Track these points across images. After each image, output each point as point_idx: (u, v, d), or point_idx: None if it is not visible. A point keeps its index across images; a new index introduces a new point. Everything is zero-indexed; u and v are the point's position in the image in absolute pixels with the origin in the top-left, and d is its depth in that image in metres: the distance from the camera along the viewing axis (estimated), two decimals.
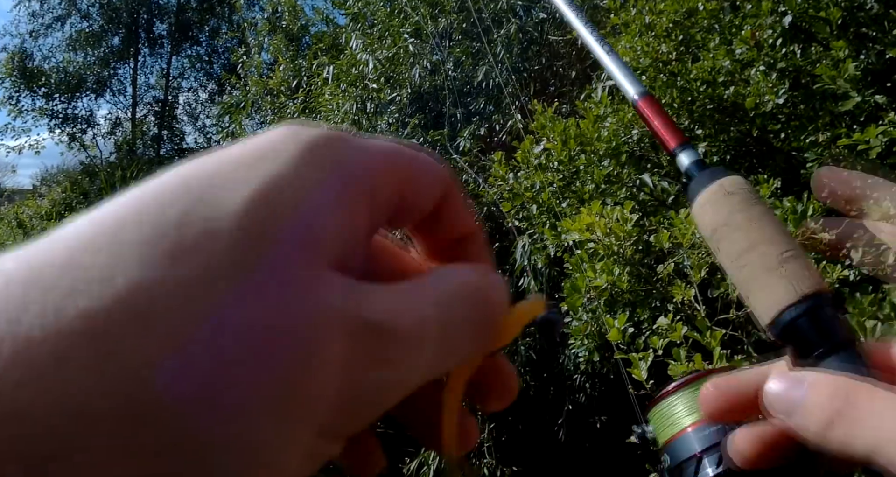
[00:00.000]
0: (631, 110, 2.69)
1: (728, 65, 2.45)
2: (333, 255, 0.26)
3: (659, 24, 2.59)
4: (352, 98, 5.22)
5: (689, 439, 0.70)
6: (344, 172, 0.28)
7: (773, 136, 2.45)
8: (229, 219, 0.24)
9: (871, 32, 2.29)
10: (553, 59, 4.88)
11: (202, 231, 0.23)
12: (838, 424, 0.40)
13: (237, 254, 0.23)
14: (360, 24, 5.97)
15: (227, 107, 6.92)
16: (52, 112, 17.03)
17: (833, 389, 0.42)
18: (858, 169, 0.54)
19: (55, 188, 14.28)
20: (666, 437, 0.72)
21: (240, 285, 0.23)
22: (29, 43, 17.15)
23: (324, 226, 0.26)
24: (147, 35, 18.10)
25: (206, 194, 0.25)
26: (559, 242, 2.34)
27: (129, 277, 0.22)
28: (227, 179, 0.25)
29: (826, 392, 0.42)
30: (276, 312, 0.23)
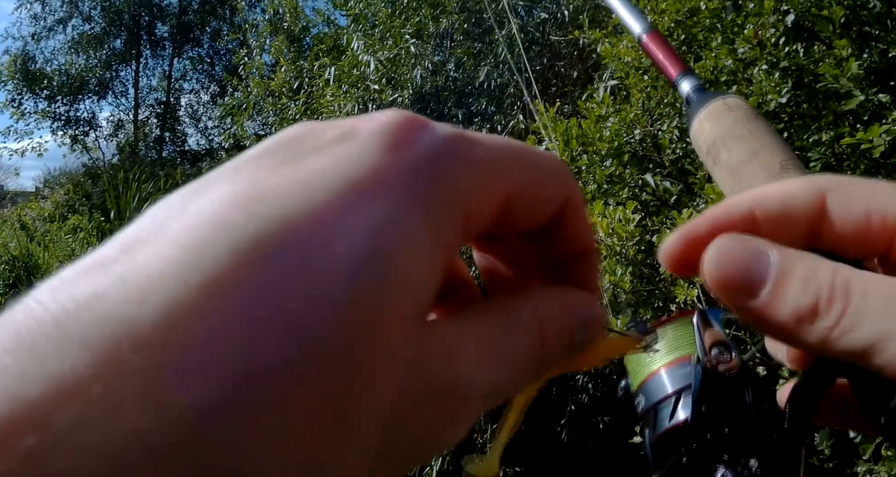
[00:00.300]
0: (633, 110, 2.69)
1: (731, 64, 2.44)
2: (420, 305, 0.24)
3: (661, 23, 2.59)
4: (353, 99, 5.22)
5: (661, 379, 0.66)
6: (444, 201, 0.25)
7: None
8: (337, 297, 0.21)
9: (875, 31, 2.28)
10: (555, 60, 4.88)
11: (307, 308, 0.21)
12: (827, 312, 0.31)
13: (347, 337, 0.21)
14: (362, 25, 5.97)
15: (229, 108, 6.93)
16: (55, 114, 17.07)
17: (813, 266, 0.33)
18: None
19: (58, 190, 14.31)
20: (640, 379, 0.70)
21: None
22: (31, 45, 17.19)
23: (423, 286, 0.24)
24: (149, 37, 18.13)
25: (307, 255, 0.21)
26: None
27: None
28: (330, 232, 0.22)
29: (805, 269, 0.33)
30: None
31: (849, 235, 0.35)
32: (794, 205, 0.36)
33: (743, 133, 0.59)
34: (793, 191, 0.36)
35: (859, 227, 0.35)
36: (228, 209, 0.22)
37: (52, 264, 7.00)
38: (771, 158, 0.56)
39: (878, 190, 0.35)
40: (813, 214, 0.36)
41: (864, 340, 0.30)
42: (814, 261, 0.33)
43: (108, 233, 8.20)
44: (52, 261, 7.06)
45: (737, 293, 0.33)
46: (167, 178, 11.68)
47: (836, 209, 0.35)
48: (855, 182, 0.36)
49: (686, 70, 0.74)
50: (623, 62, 2.72)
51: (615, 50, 2.71)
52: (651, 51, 0.81)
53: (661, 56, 0.79)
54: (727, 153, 0.59)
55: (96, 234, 8.51)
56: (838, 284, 0.32)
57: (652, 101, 2.68)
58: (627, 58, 2.67)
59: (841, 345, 0.31)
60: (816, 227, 0.36)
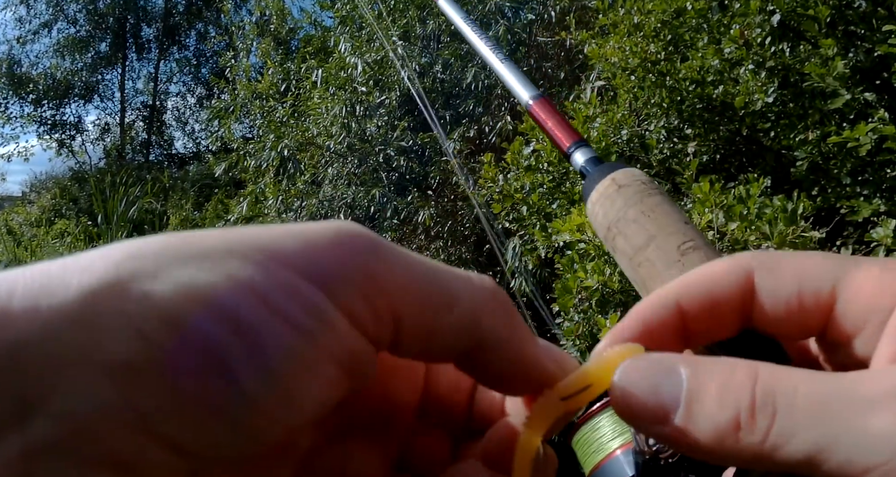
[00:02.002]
0: (620, 111, 2.69)
1: (717, 64, 2.45)
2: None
3: (647, 23, 2.59)
4: (341, 101, 5.21)
5: (618, 463, 0.63)
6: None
7: (762, 134, 2.45)
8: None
9: (860, 30, 2.29)
10: (542, 61, 4.88)
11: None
12: (751, 427, 0.28)
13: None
14: (349, 27, 5.96)
15: (217, 111, 6.91)
16: (41, 118, 17.01)
17: (727, 375, 0.29)
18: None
19: (45, 195, 14.26)
20: (593, 462, 0.66)
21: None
22: (17, 49, 17.11)
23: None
24: (134, 40, 18.07)
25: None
26: (550, 244, 2.33)
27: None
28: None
29: (720, 379, 0.29)
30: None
31: (781, 316, 0.33)
32: (720, 291, 0.34)
33: (636, 215, 0.54)
34: (717, 275, 0.34)
35: (791, 307, 0.33)
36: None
37: None
38: (667, 242, 0.51)
39: (807, 264, 0.33)
40: (741, 297, 0.34)
41: (804, 450, 0.27)
42: (729, 367, 0.30)
43: (96, 237, 8.17)
44: None
45: (649, 422, 0.30)
46: (154, 181, 11.64)
47: (764, 289, 0.34)
48: (782, 257, 0.34)
49: (578, 139, 0.68)
50: (610, 63, 2.72)
51: (602, 51, 2.71)
52: (540, 119, 0.75)
53: (550, 124, 0.73)
54: (623, 239, 0.54)
55: (83, 238, 8.47)
56: (759, 392, 0.28)
57: (639, 102, 2.68)
58: (614, 58, 2.68)
59: (777, 458, 0.28)
60: (748, 309, 0.34)
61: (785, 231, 1.75)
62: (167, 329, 0.23)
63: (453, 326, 0.30)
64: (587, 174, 0.63)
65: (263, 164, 5.88)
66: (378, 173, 5.26)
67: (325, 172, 5.47)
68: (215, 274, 0.25)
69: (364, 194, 5.09)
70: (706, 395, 0.29)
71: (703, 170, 2.44)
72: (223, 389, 0.24)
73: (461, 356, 0.31)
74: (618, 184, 0.57)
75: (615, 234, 0.55)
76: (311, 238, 0.27)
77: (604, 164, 0.62)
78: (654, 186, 0.57)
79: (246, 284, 0.25)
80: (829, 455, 0.26)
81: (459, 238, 4.54)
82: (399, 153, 5.24)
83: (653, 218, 0.53)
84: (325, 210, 5.34)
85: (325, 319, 0.26)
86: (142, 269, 0.24)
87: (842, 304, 0.32)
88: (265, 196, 5.87)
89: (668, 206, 0.54)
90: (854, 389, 0.28)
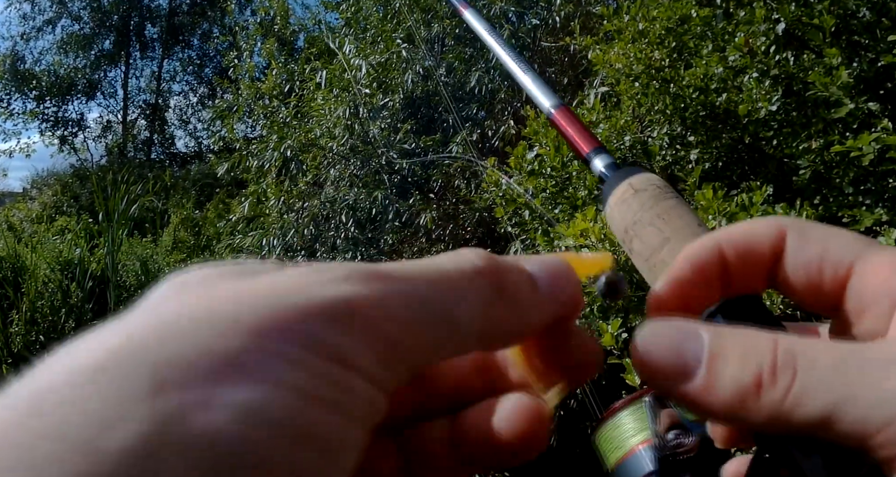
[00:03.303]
0: (623, 117, 2.69)
1: (721, 72, 2.45)
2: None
3: (652, 30, 2.59)
4: (344, 103, 5.22)
5: (639, 459, 0.64)
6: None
7: (765, 142, 2.46)
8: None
9: (864, 40, 2.29)
10: (545, 66, 4.89)
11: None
12: (772, 385, 0.29)
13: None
14: (353, 28, 5.97)
15: (219, 111, 6.91)
16: (43, 115, 17.02)
17: (751, 340, 0.30)
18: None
19: (46, 191, 14.27)
20: (615, 459, 0.67)
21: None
22: (20, 45, 17.12)
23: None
24: (138, 38, 18.08)
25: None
26: (552, 248, 2.34)
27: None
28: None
29: (742, 343, 0.30)
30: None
31: (801, 280, 0.35)
32: (755, 241, 0.36)
33: (651, 218, 0.55)
34: (755, 228, 0.37)
35: (811, 272, 0.35)
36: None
37: (40, 265, 6.95)
38: (681, 244, 0.52)
39: (834, 236, 0.35)
40: (772, 252, 0.36)
41: (821, 408, 0.28)
42: (752, 334, 0.31)
43: (96, 235, 8.16)
44: (39, 262, 7.01)
45: (671, 379, 0.31)
46: (156, 180, 11.65)
47: (792, 249, 0.35)
48: (814, 226, 0.36)
49: (598, 146, 0.71)
50: (614, 69, 2.73)
51: (606, 57, 2.72)
52: (561, 126, 0.78)
53: (570, 131, 0.76)
54: (639, 242, 0.56)
55: (84, 235, 8.47)
56: (781, 353, 0.29)
57: (642, 108, 2.69)
58: (618, 65, 2.68)
59: (795, 417, 0.28)
60: (775, 266, 0.36)
61: None
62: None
63: (459, 346, 0.30)
64: (606, 179, 0.64)
65: (266, 165, 5.88)
66: (380, 175, 5.26)
67: (327, 174, 5.48)
68: (268, 390, 0.23)
69: (366, 196, 5.09)
70: (729, 355, 0.30)
71: (706, 177, 2.44)
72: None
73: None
74: (634, 188, 0.59)
75: (632, 237, 0.57)
76: (325, 301, 0.26)
77: (621, 169, 0.64)
78: (669, 191, 0.58)
79: (293, 390, 0.23)
80: (843, 414, 0.27)
81: (461, 241, 4.54)
82: (401, 156, 5.24)
83: (667, 221, 0.54)
84: (326, 211, 5.34)
85: (348, 388, 0.25)
86: (191, 401, 0.22)
87: (856, 279, 0.34)
88: (267, 196, 5.86)
89: (683, 209, 0.55)
90: (872, 353, 0.29)
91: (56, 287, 6.83)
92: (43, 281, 6.82)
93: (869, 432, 0.27)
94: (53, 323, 6.72)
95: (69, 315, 6.81)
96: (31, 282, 6.80)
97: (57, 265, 7.00)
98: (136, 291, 7.45)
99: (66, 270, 7.05)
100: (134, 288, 7.46)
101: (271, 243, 5.54)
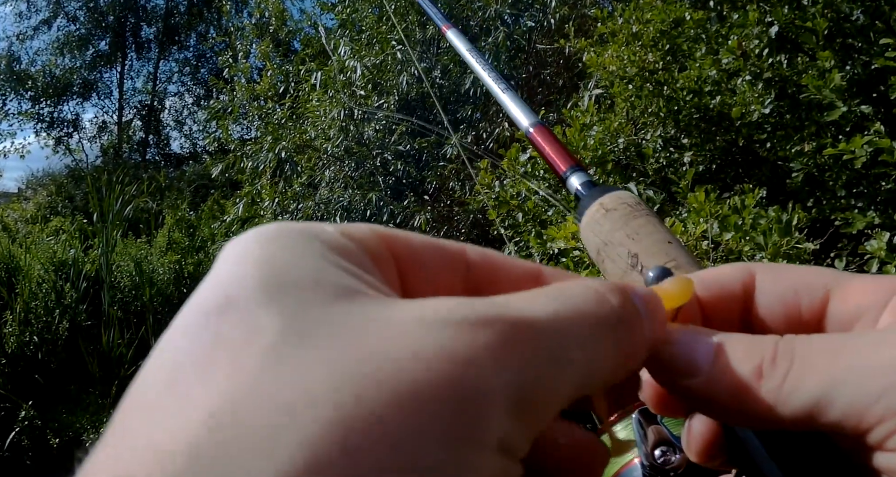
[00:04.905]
0: (617, 119, 2.69)
1: (714, 74, 2.45)
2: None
3: (646, 33, 2.60)
4: (339, 104, 5.21)
5: (637, 472, 0.63)
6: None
7: (758, 145, 2.46)
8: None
9: (857, 43, 2.30)
10: (540, 68, 4.89)
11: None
12: (769, 374, 0.30)
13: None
14: (349, 30, 5.97)
15: (214, 112, 6.91)
16: (39, 115, 16.98)
17: (754, 338, 0.32)
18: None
19: (41, 192, 14.23)
20: (611, 472, 0.67)
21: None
22: (16, 46, 17.10)
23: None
24: (134, 39, 18.06)
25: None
26: (545, 250, 2.34)
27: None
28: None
29: (747, 341, 0.32)
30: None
31: (777, 314, 0.36)
32: (727, 279, 0.37)
33: (622, 239, 0.56)
34: (724, 271, 0.38)
35: (787, 305, 0.35)
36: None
37: (34, 266, 6.94)
38: (650, 263, 0.53)
39: (805, 272, 0.36)
40: (743, 292, 0.37)
41: (814, 391, 0.29)
42: (755, 336, 0.33)
43: (91, 235, 8.15)
44: (33, 262, 7.00)
45: (680, 374, 0.32)
46: (151, 180, 11.63)
47: (764, 287, 0.36)
48: (782, 266, 0.37)
49: (574, 164, 0.71)
50: (608, 71, 2.73)
51: (600, 59, 2.72)
52: (539, 144, 0.79)
53: (548, 150, 0.77)
54: (611, 263, 0.56)
55: (79, 236, 8.45)
56: (782, 346, 0.31)
57: (636, 111, 2.69)
58: (612, 67, 2.68)
59: (791, 404, 0.30)
60: (749, 305, 0.36)
61: (779, 242, 1.75)
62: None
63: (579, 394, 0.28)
64: (581, 198, 0.65)
65: (260, 166, 5.88)
66: (375, 177, 5.26)
67: (322, 175, 5.48)
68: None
69: (360, 198, 5.09)
70: (735, 350, 0.32)
71: (699, 180, 2.44)
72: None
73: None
74: (605, 208, 0.59)
75: (603, 258, 0.57)
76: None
77: (595, 188, 0.64)
78: (640, 208, 0.58)
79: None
80: (837, 395, 0.29)
81: None
82: (396, 157, 5.24)
83: (636, 240, 0.55)
84: (321, 213, 5.34)
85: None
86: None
87: (835, 304, 0.35)
88: (262, 198, 5.86)
89: (652, 227, 0.55)
90: (863, 338, 0.31)
91: (50, 288, 6.82)
92: (37, 281, 6.80)
93: (863, 408, 0.28)
94: (47, 324, 6.70)
95: (63, 316, 6.80)
96: (25, 282, 6.79)
97: (51, 266, 6.98)
98: (130, 291, 7.44)
99: (60, 271, 7.04)
100: (128, 289, 7.44)
101: None
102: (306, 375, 0.21)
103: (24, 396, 6.36)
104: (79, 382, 6.80)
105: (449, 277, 0.31)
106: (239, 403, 0.20)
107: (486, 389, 0.22)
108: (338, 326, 0.23)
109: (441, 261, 0.32)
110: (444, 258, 0.32)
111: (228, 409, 0.20)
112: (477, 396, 0.22)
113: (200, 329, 0.23)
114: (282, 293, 0.24)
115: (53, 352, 6.69)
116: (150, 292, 7.31)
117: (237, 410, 0.20)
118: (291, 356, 0.21)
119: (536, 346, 0.24)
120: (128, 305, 7.37)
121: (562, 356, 0.25)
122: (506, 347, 0.23)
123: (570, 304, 0.27)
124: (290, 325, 0.23)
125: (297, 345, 0.22)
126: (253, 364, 0.21)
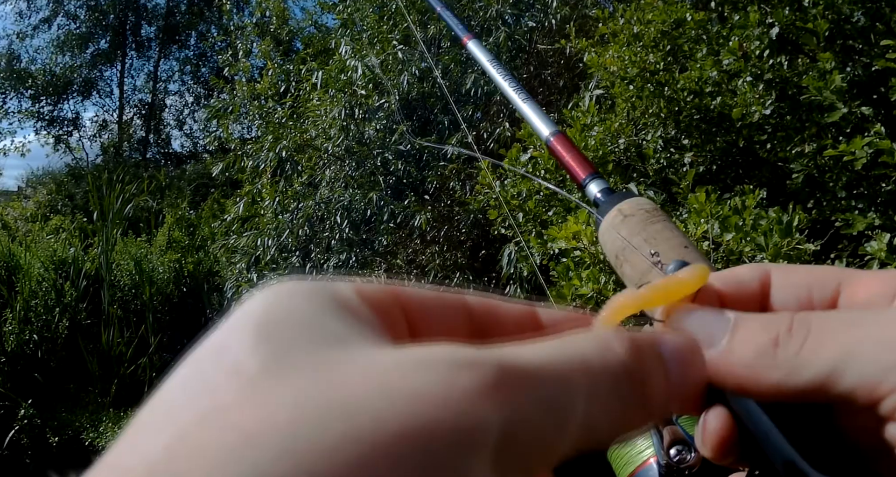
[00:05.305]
0: (618, 120, 2.70)
1: (715, 75, 2.45)
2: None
3: (647, 34, 2.60)
4: (340, 104, 5.21)
5: (652, 471, 0.65)
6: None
7: (759, 146, 2.46)
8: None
9: (858, 45, 2.30)
10: (541, 68, 4.89)
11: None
12: (785, 344, 0.31)
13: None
14: (350, 29, 5.97)
15: (215, 111, 6.91)
16: (39, 114, 16.97)
17: (771, 316, 0.33)
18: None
19: (41, 190, 14.24)
20: (627, 472, 0.68)
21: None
22: (16, 44, 17.09)
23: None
24: (134, 38, 18.06)
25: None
26: (545, 251, 2.34)
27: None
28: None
29: (764, 317, 0.33)
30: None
31: (791, 308, 0.36)
32: (744, 276, 0.38)
33: (639, 243, 0.57)
34: (740, 271, 0.39)
35: (800, 300, 0.37)
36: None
37: (34, 264, 6.94)
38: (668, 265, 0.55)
39: (817, 270, 0.38)
40: (760, 289, 0.38)
41: (829, 360, 0.30)
42: (772, 314, 0.34)
43: (91, 234, 8.15)
44: (33, 261, 7.00)
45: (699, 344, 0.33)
46: (151, 179, 11.63)
47: (778, 284, 0.38)
48: (796, 265, 0.40)
49: (593, 172, 0.73)
50: (609, 72, 2.73)
51: (601, 60, 2.72)
52: (559, 153, 0.81)
53: (567, 158, 0.79)
54: (629, 267, 0.58)
55: (78, 234, 8.46)
56: (798, 318, 0.32)
57: (637, 111, 2.69)
58: (613, 68, 2.69)
59: (805, 372, 0.30)
60: (765, 301, 0.38)
61: (780, 243, 1.76)
62: None
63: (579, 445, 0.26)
64: (599, 204, 0.67)
65: (261, 165, 5.88)
66: (375, 177, 5.26)
67: (322, 174, 5.47)
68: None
69: (361, 197, 5.09)
70: (753, 323, 0.33)
71: (700, 180, 2.45)
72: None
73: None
74: (623, 214, 0.61)
75: (622, 262, 0.59)
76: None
77: (613, 194, 0.66)
78: (657, 214, 0.60)
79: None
80: (846, 366, 0.30)
81: (455, 243, 4.54)
82: (397, 157, 5.24)
83: (654, 245, 0.56)
84: (321, 212, 5.34)
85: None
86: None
87: (846, 296, 0.36)
88: (262, 197, 5.86)
89: (669, 232, 0.57)
90: (878, 314, 0.32)
91: (50, 286, 6.83)
92: (37, 280, 6.81)
93: (877, 379, 0.29)
94: (47, 322, 6.71)
95: (63, 314, 6.81)
96: (25, 281, 6.79)
97: (51, 264, 6.99)
98: (130, 290, 7.44)
99: (60, 269, 7.05)
100: (128, 287, 7.45)
101: (266, 244, 5.54)
102: (272, 406, 0.21)
103: (23, 394, 6.37)
104: (78, 380, 6.81)
105: (453, 324, 0.31)
106: (205, 427, 0.20)
107: (463, 430, 0.21)
108: (319, 364, 0.22)
109: (444, 310, 0.31)
110: (445, 307, 0.31)
111: (192, 433, 0.20)
112: (451, 437, 0.21)
113: (194, 373, 0.24)
114: (272, 338, 0.24)
115: (53, 350, 6.71)
116: (150, 291, 7.32)
117: (202, 435, 0.20)
118: (264, 389, 0.21)
119: (526, 390, 0.23)
120: (127, 303, 7.38)
121: (557, 404, 0.24)
122: (490, 390, 0.22)
123: (569, 350, 0.26)
124: (272, 364, 0.23)
125: (273, 380, 0.22)
126: (229, 398, 0.22)
